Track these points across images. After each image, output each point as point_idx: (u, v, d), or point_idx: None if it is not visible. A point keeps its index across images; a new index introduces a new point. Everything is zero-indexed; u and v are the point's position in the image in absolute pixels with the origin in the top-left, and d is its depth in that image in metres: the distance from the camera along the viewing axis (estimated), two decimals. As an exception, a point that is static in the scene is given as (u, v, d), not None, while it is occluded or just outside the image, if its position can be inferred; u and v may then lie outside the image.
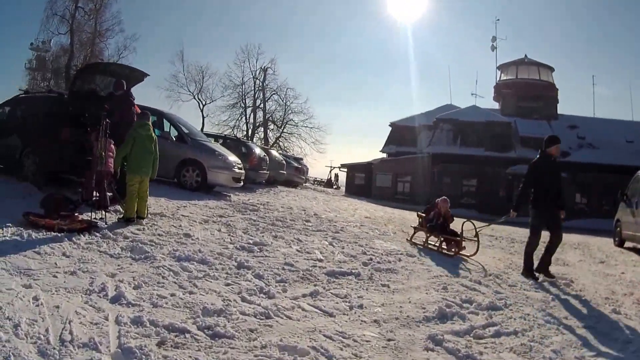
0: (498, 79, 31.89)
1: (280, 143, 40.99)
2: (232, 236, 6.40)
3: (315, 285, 4.71)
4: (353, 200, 18.87)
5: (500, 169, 25.03)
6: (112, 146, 6.70)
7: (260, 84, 41.99)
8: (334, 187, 33.49)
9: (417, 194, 25.69)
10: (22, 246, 4.63)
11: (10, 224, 5.25)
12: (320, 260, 5.76)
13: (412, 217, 14.21)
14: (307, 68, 69.17)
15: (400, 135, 31.48)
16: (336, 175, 36.98)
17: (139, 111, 6.95)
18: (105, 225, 5.97)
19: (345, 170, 34.80)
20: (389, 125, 32.90)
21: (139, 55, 37.12)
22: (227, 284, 4.45)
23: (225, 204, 8.93)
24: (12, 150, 7.70)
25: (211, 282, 4.53)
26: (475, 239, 7.28)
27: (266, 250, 5.86)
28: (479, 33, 76.68)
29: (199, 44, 63.54)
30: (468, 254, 7.18)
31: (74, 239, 5.11)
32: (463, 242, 7.25)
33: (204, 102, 41.16)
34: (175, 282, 4.37)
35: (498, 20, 52.52)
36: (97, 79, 8.00)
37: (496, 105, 31.01)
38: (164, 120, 10.02)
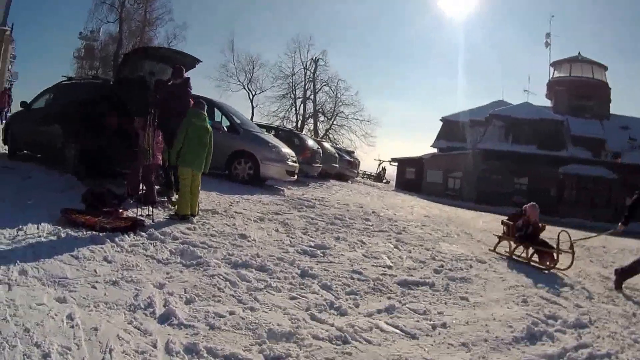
0: (551, 76, 31.17)
1: (330, 135, 40.33)
2: (292, 237, 5.86)
3: (389, 299, 4.33)
4: (406, 196, 18.35)
5: (551, 168, 24.60)
6: (160, 138, 6.19)
7: (311, 75, 41.56)
8: (384, 181, 32.57)
9: (467, 191, 25.62)
10: (59, 248, 4.09)
11: (47, 222, 4.78)
12: (389, 267, 5.35)
13: (468, 216, 13.69)
14: (356, 60, 68.11)
15: (451, 130, 31.15)
16: (384, 169, 35.97)
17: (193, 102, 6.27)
18: (152, 223, 5.40)
19: (396, 164, 33.94)
20: (440, 120, 32.50)
21: (189, 44, 37.49)
22: (293, 297, 3.97)
23: (280, 199, 8.43)
24: (53, 139, 7.33)
25: (274, 294, 3.94)
26: (570, 251, 6.33)
27: (330, 255, 5.36)
28: (533, 29, 73.41)
29: (249, 33, 62.56)
30: (562, 268, 6.34)
31: (117, 239, 4.57)
32: (557, 254, 6.40)
33: (253, 93, 40.65)
34: (233, 296, 3.78)
35: (553, 17, 50.77)
36: (146, 65, 7.39)
37: (548, 103, 30.61)
38: (215, 109, 9.45)
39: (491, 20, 62.63)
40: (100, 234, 4.63)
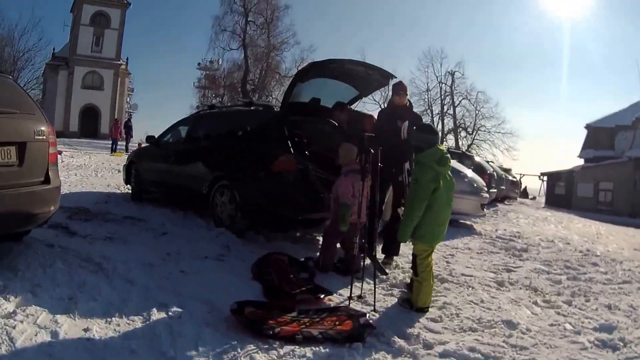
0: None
1: (473, 151, 38.44)
2: (563, 315, 4.08)
3: None
4: (569, 215, 17.36)
5: None
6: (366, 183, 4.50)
7: (448, 89, 41.51)
8: (530, 197, 30.07)
9: (619, 204, 24.77)
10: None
11: (208, 327, 3.01)
12: None
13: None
14: (485, 69, 66.39)
15: (596, 138, 31.13)
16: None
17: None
18: (374, 315, 3.45)
19: (545, 178, 34.00)
20: (585, 127, 32.48)
21: None
22: None
23: (483, 241, 7.42)
24: (195, 182, 6.14)
25: None
26: None
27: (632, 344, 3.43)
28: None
29: (379, 50, 63.74)
30: None
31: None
32: None
33: (390, 112, 40.52)
34: None
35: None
36: (320, 85, 6.00)
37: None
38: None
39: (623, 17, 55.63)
40: (303, 351, 2.66)
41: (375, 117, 5.57)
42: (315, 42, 48.48)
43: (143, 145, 18.35)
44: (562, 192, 31.99)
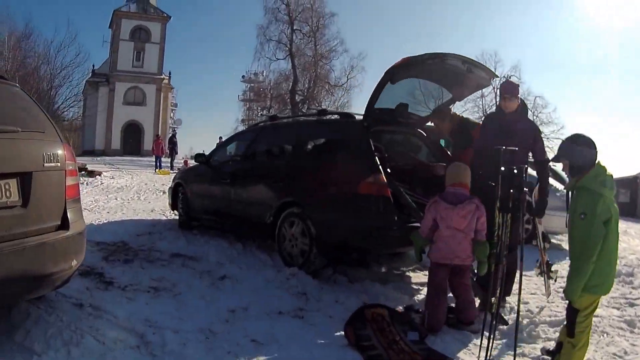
0: None
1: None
2: None
3: None
4: None
5: None
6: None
7: None
8: None
9: None
10: None
11: None
12: None
13: None
14: (542, 73, 62.77)
15: None
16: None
17: None
18: None
19: None
20: None
21: (369, 75, 38.14)
22: None
23: None
24: (257, 210, 5.24)
25: None
26: None
27: None
28: None
29: None
30: None
31: None
32: None
33: (443, 119, 39.44)
34: None
35: None
36: (408, 86, 5.10)
37: None
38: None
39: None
40: None
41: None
42: (365, 49, 47.01)
43: (190, 162, 17.89)
44: (625, 199, 29.90)
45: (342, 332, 3.33)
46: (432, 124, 5.31)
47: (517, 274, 3.21)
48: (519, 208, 3.19)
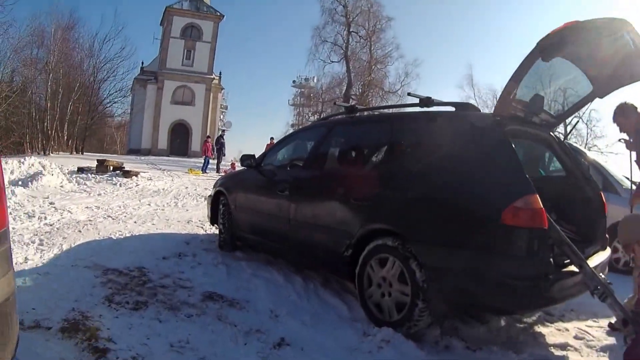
0: None
1: None
2: None
3: None
4: None
5: None
6: None
7: None
8: None
9: None
10: None
11: None
12: None
13: None
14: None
15: None
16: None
17: None
18: None
19: None
20: None
21: (423, 82, 37.03)
22: None
23: None
24: (327, 236, 3.69)
25: None
26: None
27: None
28: None
29: (487, 64, 62.73)
30: None
31: None
32: None
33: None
34: None
35: None
36: (554, 71, 3.43)
37: None
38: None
39: None
40: None
41: None
42: (421, 56, 46.44)
43: (236, 166, 16.59)
44: None
45: None
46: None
47: None
48: None
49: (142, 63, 37.17)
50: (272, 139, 17.99)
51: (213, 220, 5.53)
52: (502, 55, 66.02)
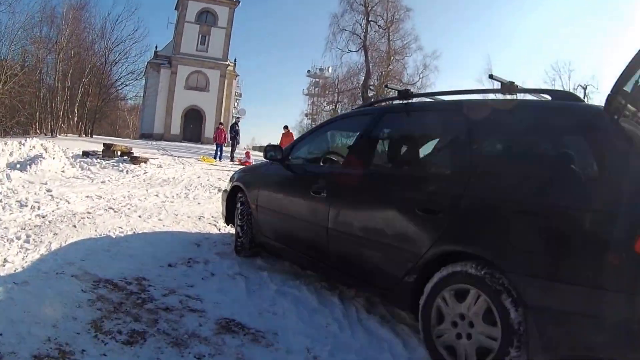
0: None
1: None
2: None
3: None
4: None
5: None
6: None
7: None
8: None
9: None
10: None
11: None
12: None
13: None
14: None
15: None
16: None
17: None
18: None
19: None
20: None
21: (441, 75, 35.68)
22: None
23: None
24: (377, 251, 2.92)
25: None
26: None
27: None
28: None
29: (504, 60, 61.20)
30: None
31: None
32: None
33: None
34: None
35: None
36: None
37: None
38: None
39: None
40: None
41: None
42: (439, 48, 45.75)
43: (251, 154, 15.84)
44: None
45: None
46: None
47: None
48: None
49: (156, 47, 36.69)
50: (286, 127, 17.23)
51: (228, 219, 4.76)
52: (522, 49, 65.42)
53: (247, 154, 18.07)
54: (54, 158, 8.77)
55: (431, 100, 3.45)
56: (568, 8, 62.88)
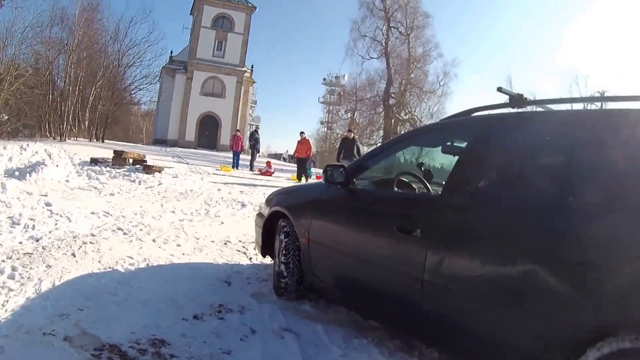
0: None
1: None
2: None
3: None
4: None
5: None
6: None
7: None
8: None
9: None
10: None
11: None
12: None
13: None
14: None
15: None
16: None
17: None
18: None
19: None
20: None
21: (459, 83, 35.31)
22: None
23: None
24: (487, 313, 1.96)
25: None
26: None
27: None
28: None
29: (525, 67, 61.31)
30: None
31: None
32: None
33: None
34: None
35: None
36: None
37: None
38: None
39: None
40: None
41: None
42: (459, 56, 45.15)
43: (272, 164, 14.90)
44: None
45: None
46: None
47: None
48: None
49: (171, 52, 36.33)
50: (302, 133, 16.36)
51: (265, 251, 3.84)
52: (540, 57, 65.05)
53: (269, 163, 17.23)
54: (57, 165, 7.95)
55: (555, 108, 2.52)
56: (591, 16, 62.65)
